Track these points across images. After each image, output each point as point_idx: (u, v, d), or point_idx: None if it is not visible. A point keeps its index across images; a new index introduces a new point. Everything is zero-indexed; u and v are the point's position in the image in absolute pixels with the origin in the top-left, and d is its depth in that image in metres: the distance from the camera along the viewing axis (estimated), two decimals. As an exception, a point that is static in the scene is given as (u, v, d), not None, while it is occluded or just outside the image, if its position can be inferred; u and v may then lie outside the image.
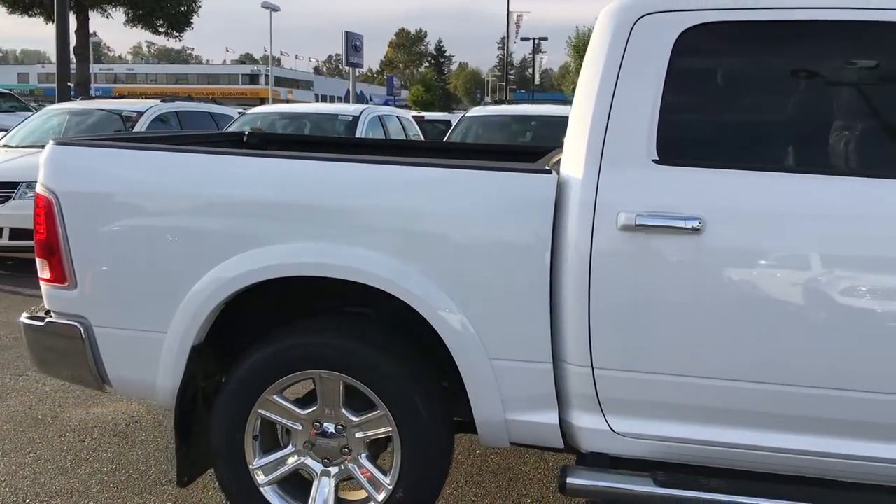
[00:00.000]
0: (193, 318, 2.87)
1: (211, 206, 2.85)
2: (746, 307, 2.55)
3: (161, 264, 2.89)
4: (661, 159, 2.63)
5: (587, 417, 2.76)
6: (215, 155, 2.97)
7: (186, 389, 2.95)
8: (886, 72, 2.74)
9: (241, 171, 2.89)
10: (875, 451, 2.58)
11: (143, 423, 4.20)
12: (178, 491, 3.47)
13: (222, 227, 2.83)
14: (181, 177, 2.92)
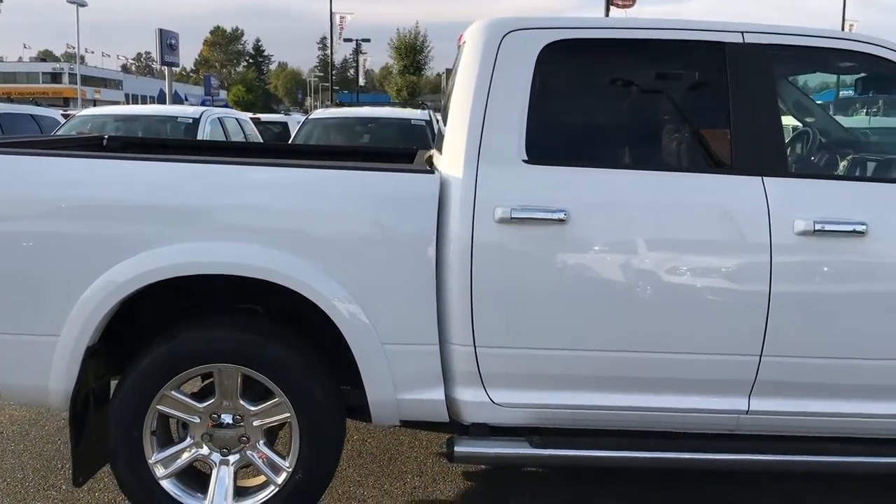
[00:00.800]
0: (87, 320, 2.92)
1: (102, 209, 2.91)
2: (605, 286, 2.96)
3: (49, 270, 2.91)
4: (530, 159, 2.98)
5: (470, 392, 3.07)
6: (102, 160, 3.03)
7: (79, 391, 2.99)
8: (706, 83, 3.24)
9: (131, 175, 2.97)
10: (705, 405, 3.07)
11: (10, 434, 4.09)
12: (62, 494, 3.46)
13: (114, 230, 2.90)
14: (60, 181, 2.96)
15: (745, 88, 3.05)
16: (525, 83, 3.03)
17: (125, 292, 2.90)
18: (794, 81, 4.09)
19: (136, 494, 3.07)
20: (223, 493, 3.10)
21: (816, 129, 3.97)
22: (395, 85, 63.42)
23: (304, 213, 2.94)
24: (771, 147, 3.04)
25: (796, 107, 4.15)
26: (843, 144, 4.04)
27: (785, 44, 3.14)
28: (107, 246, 2.91)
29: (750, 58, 3.07)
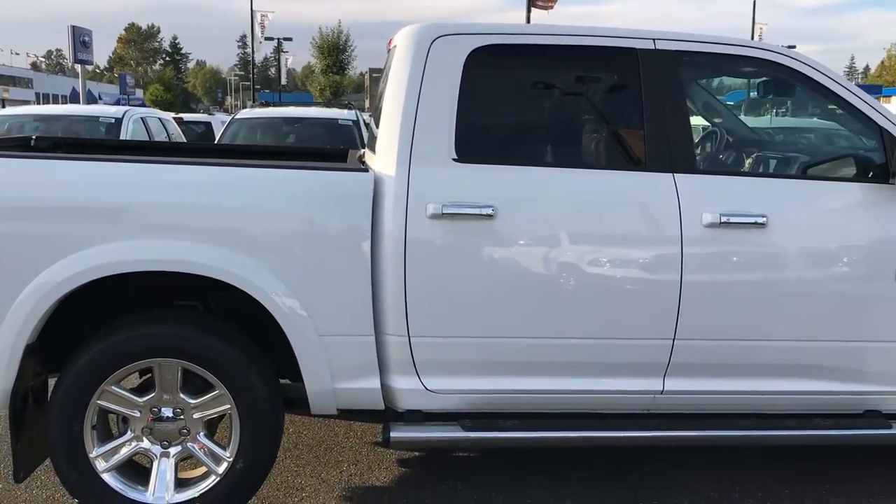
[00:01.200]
0: (26, 320, 2.96)
1: (38, 210, 2.96)
2: (531, 277, 3.15)
3: (-12, 268, 2.94)
4: (460, 158, 3.15)
5: (404, 380, 3.22)
6: (38, 160, 3.07)
7: (18, 389, 3.02)
8: (622, 86, 3.47)
9: (69, 176, 3.02)
10: (624, 386, 3.29)
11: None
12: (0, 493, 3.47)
13: (51, 230, 2.95)
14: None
15: (656, 92, 3.28)
16: (453, 86, 3.19)
17: (63, 291, 2.95)
18: (703, 84, 4.37)
19: (77, 489, 3.12)
20: (164, 485, 3.17)
21: (723, 128, 4.27)
22: (318, 84, 62.98)
23: (243, 211, 3.05)
24: (681, 146, 3.29)
25: (705, 108, 4.43)
26: (748, 143, 4.33)
27: (692, 50, 3.39)
28: (44, 246, 2.95)
29: (661, 63, 3.30)
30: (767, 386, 3.36)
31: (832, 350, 3.33)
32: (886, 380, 3.39)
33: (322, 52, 61.24)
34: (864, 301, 3.29)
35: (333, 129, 8.66)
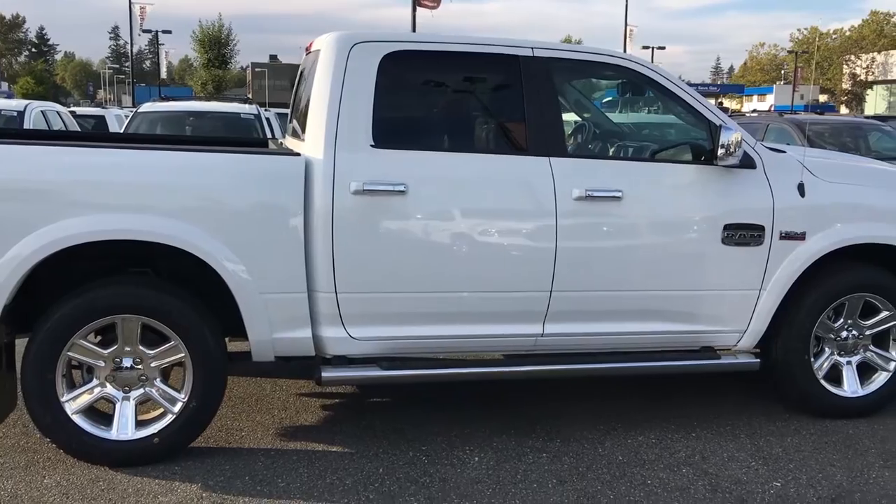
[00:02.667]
0: (5, 281, 3.43)
1: (15, 188, 3.44)
2: (436, 242, 3.85)
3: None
4: (377, 145, 3.81)
5: (332, 329, 3.86)
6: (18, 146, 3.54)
7: (-6, 344, 3.49)
8: (507, 86, 4.21)
9: (43, 159, 3.52)
10: (512, 331, 4.04)
11: None
12: (-33, 444, 3.89)
13: (23, 208, 3.43)
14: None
15: (534, 91, 4.03)
16: (370, 84, 3.85)
17: (36, 260, 3.43)
18: (574, 85, 5.17)
19: (50, 429, 3.61)
20: (126, 424, 3.69)
21: (591, 122, 5.10)
22: (199, 78, 61.67)
23: (197, 189, 3.62)
24: (555, 135, 4.05)
25: (576, 105, 5.24)
26: (610, 134, 5.17)
27: (563, 57, 4.17)
28: (16, 222, 3.43)
29: (538, 68, 4.06)
30: (627, 328, 4.18)
31: (674, 298, 4.19)
32: (716, 321, 4.27)
33: (203, 46, 59.95)
34: (698, 258, 4.16)
35: (236, 122, 9.10)
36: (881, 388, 4.53)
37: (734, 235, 4.15)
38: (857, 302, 4.43)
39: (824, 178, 4.33)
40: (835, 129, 11.73)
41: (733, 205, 4.16)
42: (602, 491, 3.58)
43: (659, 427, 4.32)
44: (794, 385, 4.44)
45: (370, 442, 4.05)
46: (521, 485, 3.62)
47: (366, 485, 3.59)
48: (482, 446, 4.02)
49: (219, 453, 3.87)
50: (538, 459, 3.89)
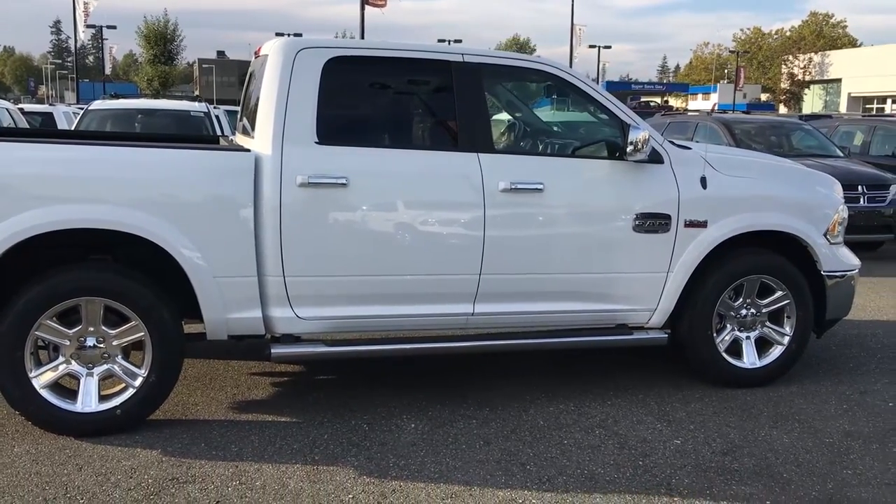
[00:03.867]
0: (-24, 266, 3.74)
1: None
2: (375, 229, 4.26)
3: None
4: (320, 141, 4.20)
5: (280, 310, 4.24)
6: None
7: (-33, 324, 3.80)
8: (441, 89, 4.63)
9: (8, 153, 3.83)
10: (446, 310, 4.46)
11: None
12: (-62, 420, 4.17)
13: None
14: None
15: (465, 93, 4.46)
16: (314, 86, 4.23)
17: (8, 245, 3.75)
18: (505, 87, 5.61)
19: (19, 403, 3.92)
20: (90, 398, 4.02)
21: (520, 121, 5.55)
22: (145, 75, 60.95)
23: (155, 182, 3.96)
24: (483, 133, 4.48)
25: (508, 105, 5.69)
26: (538, 131, 5.63)
27: (490, 63, 4.60)
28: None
29: (468, 72, 4.48)
30: (549, 307, 4.64)
31: (591, 280, 4.65)
32: (628, 301, 4.75)
33: (148, 42, 59.31)
34: (612, 244, 4.63)
35: (186, 120, 9.37)
36: (776, 360, 5.07)
37: (644, 223, 4.64)
38: (755, 283, 4.96)
39: (724, 171, 4.84)
40: (760, 128, 12.41)
41: (643, 196, 4.65)
42: (523, 450, 4.03)
43: (577, 397, 4.79)
44: (698, 358, 4.95)
45: (316, 413, 4.43)
46: (451, 446, 4.05)
47: (312, 448, 3.98)
48: (418, 415, 4.44)
49: (176, 424, 4.22)
50: (468, 425, 4.32)
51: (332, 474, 3.71)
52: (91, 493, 3.46)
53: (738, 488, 3.70)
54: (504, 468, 3.82)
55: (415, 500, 3.50)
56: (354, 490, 3.57)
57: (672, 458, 3.99)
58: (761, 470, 3.89)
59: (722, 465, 3.93)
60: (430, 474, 3.74)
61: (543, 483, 3.69)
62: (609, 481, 3.73)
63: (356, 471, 3.75)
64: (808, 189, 5.17)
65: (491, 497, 3.54)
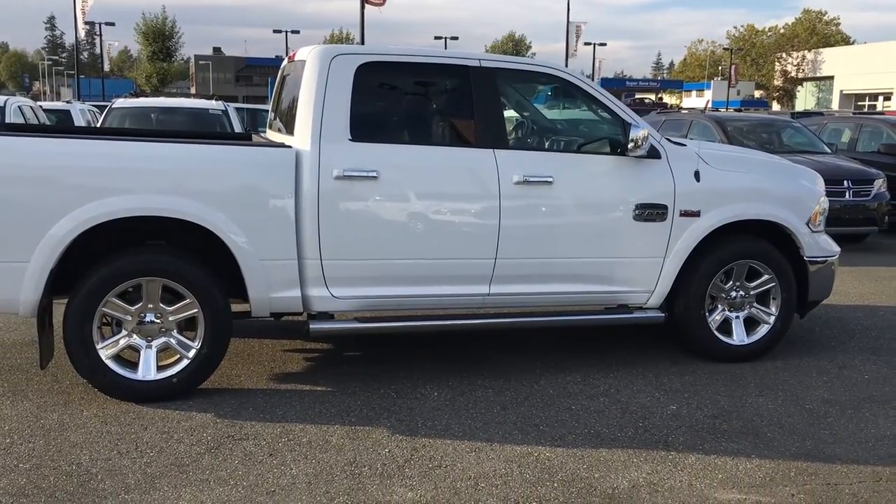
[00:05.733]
0: (52, 251, 4.21)
1: (65, 173, 4.23)
2: (402, 218, 4.74)
3: (23, 216, 4.17)
4: (353, 138, 4.68)
5: (317, 290, 4.72)
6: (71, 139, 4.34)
7: (42, 301, 4.28)
8: (460, 91, 5.11)
9: (82, 149, 4.31)
10: (464, 291, 4.95)
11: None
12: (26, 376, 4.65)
13: (72, 186, 4.23)
14: (33, 153, 4.24)
15: (481, 95, 4.94)
16: (347, 89, 4.71)
17: (82, 229, 4.22)
18: (516, 89, 6.09)
19: (88, 372, 4.40)
20: (149, 367, 4.50)
21: (530, 120, 6.03)
22: (143, 71, 61.28)
23: (209, 175, 4.44)
24: (498, 131, 4.97)
25: (517, 106, 6.16)
26: (546, 130, 6.11)
27: (504, 67, 5.09)
28: (60, 201, 4.21)
29: (484, 76, 4.96)
30: (557, 288, 5.12)
31: (595, 264, 5.14)
32: (629, 283, 5.24)
33: (147, 39, 59.66)
34: (614, 232, 5.12)
35: (205, 117, 9.83)
36: (763, 338, 5.57)
37: (643, 213, 5.13)
38: (743, 267, 5.46)
39: (716, 166, 5.33)
40: (752, 125, 12.91)
41: (642, 188, 5.14)
42: (536, 414, 4.52)
43: (583, 369, 5.29)
44: (692, 335, 5.45)
45: (348, 383, 4.92)
46: (472, 410, 4.54)
47: (347, 412, 4.47)
48: (440, 385, 4.93)
49: (224, 392, 4.71)
50: (486, 393, 4.81)
51: (367, 433, 4.19)
52: (158, 447, 3.94)
53: (727, 445, 4.19)
54: (520, 428, 4.31)
55: (443, 452, 3.98)
56: (389, 445, 4.05)
57: (668, 421, 4.48)
58: (748, 430, 4.39)
59: (713, 427, 4.43)
60: (455, 433, 4.23)
61: (555, 440, 4.18)
62: (613, 439, 4.22)
63: (389, 430, 4.24)
64: (792, 182, 5.67)
65: (510, 451, 4.03)
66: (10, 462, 3.73)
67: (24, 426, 4.14)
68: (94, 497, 3.43)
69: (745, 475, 3.85)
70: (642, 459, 3.98)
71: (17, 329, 5.88)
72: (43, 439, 3.99)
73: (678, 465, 3.94)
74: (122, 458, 3.80)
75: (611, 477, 3.78)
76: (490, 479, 3.72)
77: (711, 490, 3.69)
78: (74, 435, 4.04)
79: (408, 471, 3.78)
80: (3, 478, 3.57)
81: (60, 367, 4.85)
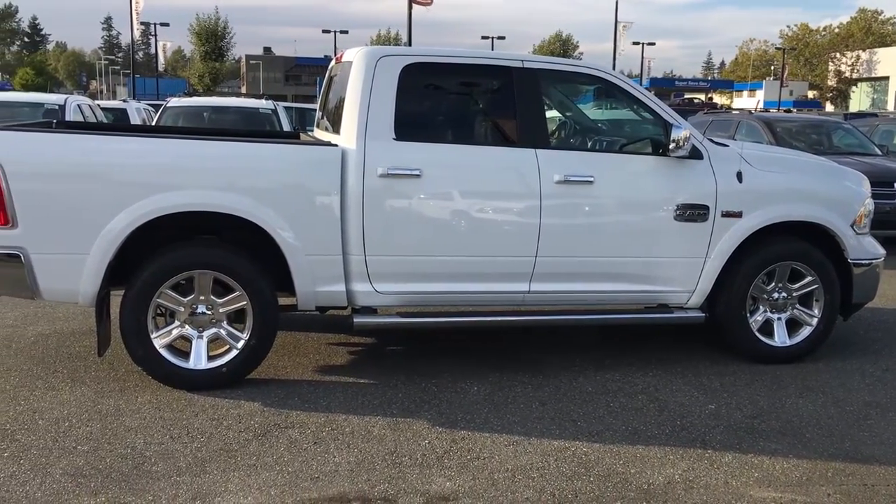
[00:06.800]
0: (110, 244, 4.41)
1: (124, 170, 4.42)
2: (445, 215, 4.84)
3: (84, 211, 4.38)
4: (398, 137, 4.80)
5: (361, 285, 4.85)
6: (130, 137, 4.54)
7: (101, 293, 4.48)
8: (502, 91, 5.19)
9: (140, 146, 4.51)
10: (505, 288, 5.04)
11: None
12: (84, 363, 4.87)
13: (130, 182, 4.42)
14: (94, 150, 4.45)
15: (524, 95, 5.02)
16: (392, 89, 4.83)
17: (139, 223, 4.41)
18: (558, 89, 6.15)
19: (142, 360, 4.59)
20: (200, 356, 4.68)
21: (571, 120, 6.09)
22: (196, 71, 62.46)
23: (260, 172, 4.60)
24: (540, 131, 5.05)
25: (559, 105, 6.23)
26: (588, 129, 6.17)
27: (546, 68, 5.17)
28: (121, 195, 4.41)
29: (527, 76, 5.04)
30: (597, 287, 5.18)
31: (636, 263, 5.18)
32: (669, 283, 5.27)
33: (200, 39, 60.81)
34: (655, 231, 5.15)
35: (256, 116, 10.08)
36: (805, 340, 5.55)
37: (684, 213, 5.16)
38: (786, 269, 5.45)
39: (758, 167, 5.34)
40: (801, 126, 12.76)
41: (683, 188, 5.17)
42: (574, 410, 4.59)
43: (622, 368, 5.34)
44: (733, 336, 5.46)
45: (389, 376, 5.04)
46: (511, 405, 4.63)
47: (389, 404, 4.59)
48: (479, 380, 5.03)
49: (271, 383, 4.86)
50: (524, 389, 4.90)
51: (409, 424, 4.31)
52: (209, 433, 4.11)
53: (765, 444, 4.21)
54: (558, 424, 4.39)
55: (482, 445, 4.08)
56: (430, 436, 4.17)
57: (706, 420, 4.52)
58: (786, 431, 4.40)
59: (751, 427, 4.45)
60: (494, 426, 4.32)
61: (593, 436, 4.24)
62: (650, 436, 4.27)
63: (429, 422, 4.35)
64: (837, 184, 5.64)
65: (547, 445, 4.11)
66: (69, 444, 3.93)
67: (82, 410, 4.34)
68: (148, 479, 3.60)
69: (782, 474, 3.88)
70: (679, 457, 4.03)
71: (75, 319, 6.13)
72: (100, 423, 4.18)
73: (715, 462, 3.98)
74: (174, 443, 3.97)
75: (646, 473, 3.84)
76: (527, 472, 3.81)
77: (747, 488, 3.73)
78: (129, 420, 4.23)
79: (447, 461, 3.89)
80: (62, 459, 3.77)
81: (116, 355, 5.05)
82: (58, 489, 3.48)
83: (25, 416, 4.25)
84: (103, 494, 3.45)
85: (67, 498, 3.41)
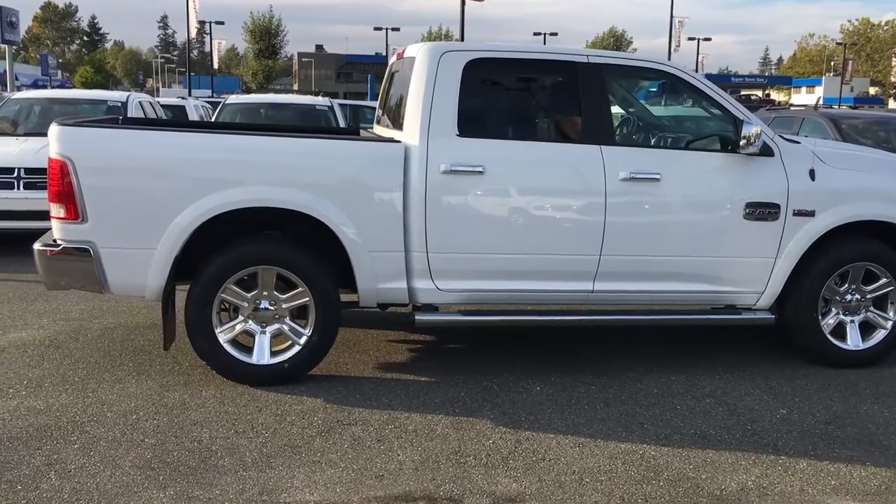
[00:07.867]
0: (177, 238, 4.45)
1: (191, 165, 4.46)
2: (508, 212, 4.78)
3: (151, 206, 4.42)
4: (461, 134, 4.75)
5: (423, 282, 4.81)
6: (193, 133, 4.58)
7: (167, 287, 4.52)
8: (566, 87, 5.11)
9: (206, 142, 4.54)
10: (569, 287, 4.95)
11: (59, 341, 5.44)
12: (113, 378, 4.94)
13: (198, 178, 4.45)
14: (161, 146, 4.49)
15: (588, 91, 4.93)
16: (456, 85, 4.78)
17: (205, 218, 4.44)
18: (622, 85, 6.04)
19: (207, 354, 4.63)
20: (263, 351, 4.70)
21: (635, 116, 5.97)
22: (249, 69, 63.35)
23: (323, 168, 4.60)
24: (605, 127, 4.95)
25: (623, 102, 6.11)
26: (652, 126, 6.03)
27: (611, 63, 5.06)
28: (188, 190, 4.44)
29: (591, 72, 4.95)
30: (663, 287, 5.07)
31: (703, 263, 5.05)
32: (738, 283, 5.13)
33: (254, 37, 61.65)
34: (723, 230, 5.02)
35: (312, 112, 10.15)
36: (880, 343, 5.36)
37: (754, 212, 5.01)
38: (860, 270, 5.26)
39: (832, 164, 5.16)
40: (868, 123, 12.36)
41: (754, 186, 5.02)
42: (640, 412, 4.50)
43: (689, 370, 5.22)
44: (804, 339, 5.29)
45: (450, 374, 5.00)
46: (575, 406, 4.55)
47: (452, 403, 4.55)
48: (542, 379, 4.96)
49: (332, 379, 4.86)
50: (588, 390, 4.81)
51: (472, 424, 4.26)
52: (273, 429, 4.11)
53: (840, 451, 4.07)
54: (624, 426, 4.30)
55: (546, 447, 4.01)
56: (493, 436, 4.11)
57: (778, 425, 4.38)
58: (862, 437, 4.24)
59: (825, 432, 4.30)
60: (558, 427, 4.25)
61: (660, 439, 4.15)
62: (720, 441, 4.16)
63: (492, 422, 4.29)
64: (913, 182, 5.43)
65: (614, 448, 4.02)
66: (137, 437, 3.97)
67: (148, 403, 4.39)
68: (215, 473, 3.62)
69: (860, 482, 3.74)
70: (751, 462, 3.91)
71: (139, 313, 6.22)
72: (166, 416, 4.22)
73: (789, 469, 3.85)
74: (239, 437, 3.99)
75: (718, 478, 3.73)
76: (594, 475, 3.73)
77: (824, 496, 3.60)
78: (195, 413, 4.26)
79: (512, 462, 3.83)
80: (131, 451, 3.81)
81: (181, 349, 5.10)
82: (127, 482, 3.52)
83: (94, 408, 4.31)
84: (172, 487, 3.48)
85: (137, 490, 3.45)
